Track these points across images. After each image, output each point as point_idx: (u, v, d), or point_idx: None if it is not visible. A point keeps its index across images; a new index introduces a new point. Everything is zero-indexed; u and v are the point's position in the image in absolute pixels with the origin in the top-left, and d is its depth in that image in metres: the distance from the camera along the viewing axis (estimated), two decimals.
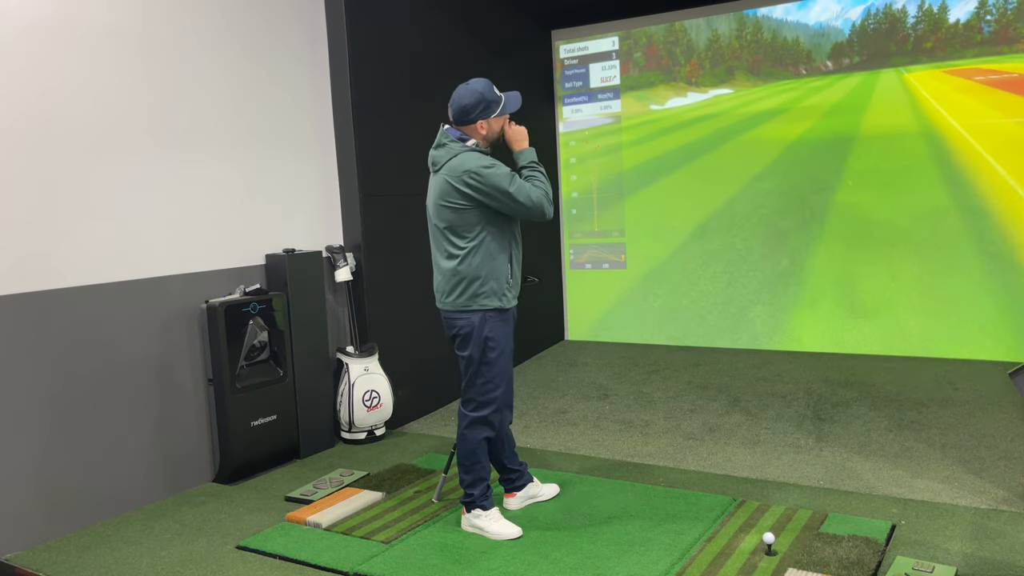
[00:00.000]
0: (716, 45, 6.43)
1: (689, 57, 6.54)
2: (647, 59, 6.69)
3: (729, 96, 6.41)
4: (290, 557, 3.30)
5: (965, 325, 5.69)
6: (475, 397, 3.37)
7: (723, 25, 6.38)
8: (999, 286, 5.57)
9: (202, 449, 4.23)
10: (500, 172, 3.20)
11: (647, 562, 3.09)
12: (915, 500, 3.54)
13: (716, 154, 6.49)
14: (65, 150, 3.64)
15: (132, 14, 3.89)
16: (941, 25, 5.65)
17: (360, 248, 4.94)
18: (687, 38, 6.53)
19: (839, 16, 5.97)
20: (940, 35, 5.66)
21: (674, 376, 5.82)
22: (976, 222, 5.61)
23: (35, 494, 3.53)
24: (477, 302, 3.27)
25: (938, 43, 5.68)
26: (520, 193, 3.20)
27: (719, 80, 6.45)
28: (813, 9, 6.05)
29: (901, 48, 5.81)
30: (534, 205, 3.23)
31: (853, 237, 6.03)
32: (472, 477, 3.41)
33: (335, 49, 4.87)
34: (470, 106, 3.27)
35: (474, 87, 3.29)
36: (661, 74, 6.66)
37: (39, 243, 3.56)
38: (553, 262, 7.11)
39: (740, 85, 6.38)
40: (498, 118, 3.33)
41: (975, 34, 5.55)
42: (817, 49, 6.09)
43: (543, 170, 3.34)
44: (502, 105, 3.32)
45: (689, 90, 6.57)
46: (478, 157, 3.23)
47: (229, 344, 4.16)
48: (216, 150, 4.29)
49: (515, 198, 3.20)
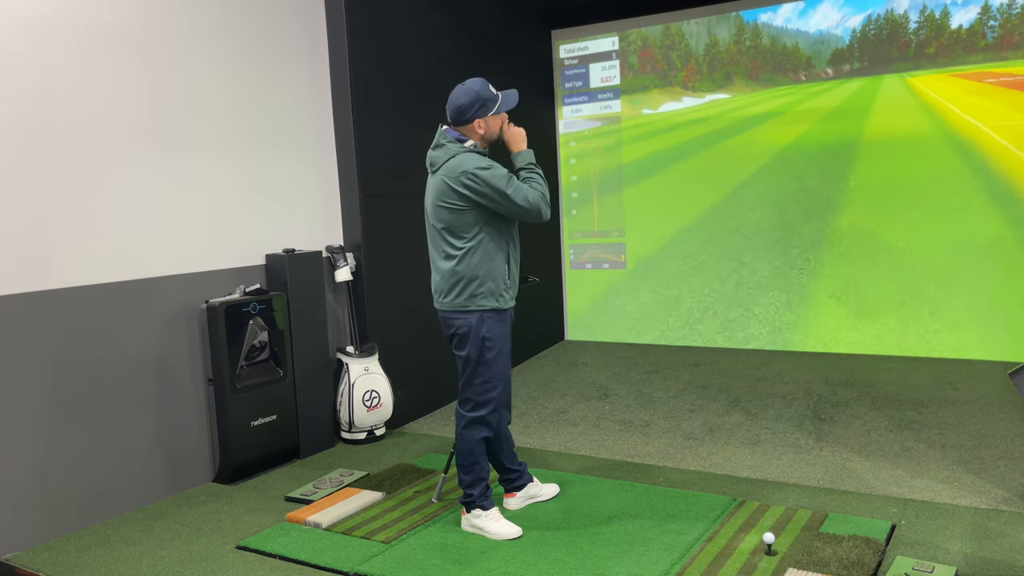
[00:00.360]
0: (715, 50, 6.42)
1: (686, 61, 6.54)
2: (641, 62, 6.69)
3: (727, 100, 6.41)
4: (290, 557, 3.30)
5: (965, 325, 5.69)
6: (472, 397, 3.37)
7: (723, 31, 6.38)
8: (1000, 285, 5.58)
9: (202, 449, 4.23)
10: (498, 173, 3.20)
11: (647, 562, 3.09)
12: (915, 500, 3.54)
13: (718, 154, 6.49)
14: (65, 150, 3.64)
15: (133, 14, 3.89)
16: (944, 31, 5.63)
17: (360, 248, 4.94)
18: (684, 42, 6.52)
19: (839, 24, 5.97)
20: (943, 40, 5.64)
21: (674, 376, 5.82)
22: (989, 222, 5.62)
23: (35, 494, 3.53)
24: (475, 302, 3.27)
25: (941, 48, 5.66)
26: (517, 195, 3.20)
27: (717, 85, 6.45)
28: (813, 17, 6.04)
29: (903, 54, 5.80)
30: (531, 207, 3.23)
31: (854, 237, 6.03)
32: (471, 477, 3.41)
33: (335, 49, 4.87)
34: (466, 105, 3.27)
35: (470, 86, 3.29)
36: (656, 78, 6.66)
37: (39, 243, 3.55)
38: (553, 262, 7.11)
39: (738, 90, 6.38)
40: (496, 117, 3.33)
41: (979, 39, 5.53)
42: (817, 56, 6.08)
43: (541, 172, 3.34)
44: (499, 103, 3.32)
45: (685, 94, 6.57)
46: (476, 158, 3.23)
47: (229, 344, 4.16)
48: (216, 150, 4.29)
49: (512, 199, 3.20)
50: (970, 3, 5.51)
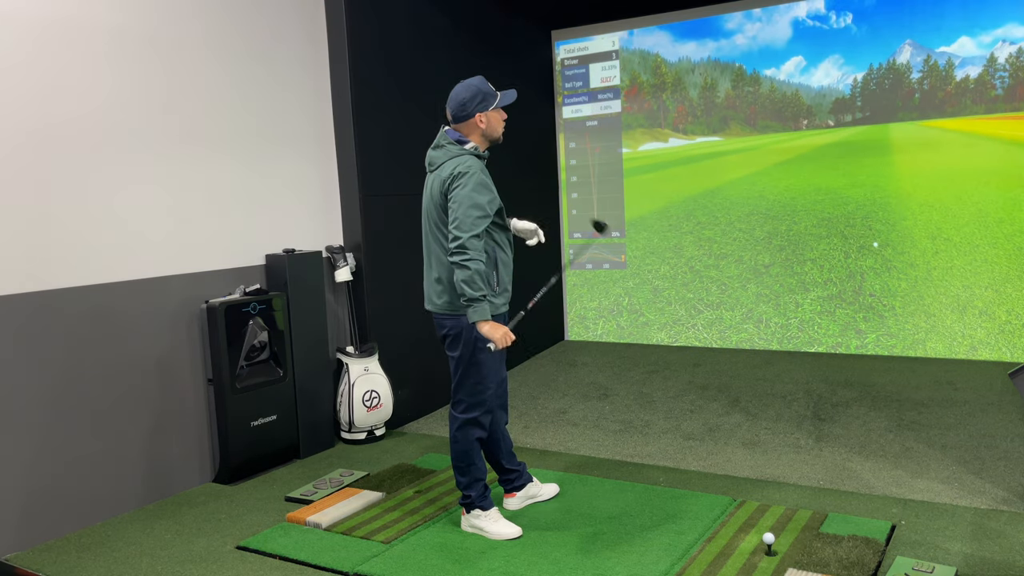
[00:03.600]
0: (711, 92, 6.41)
1: (678, 102, 6.53)
2: (628, 101, 6.69)
3: (720, 141, 6.43)
4: (290, 557, 3.30)
5: (965, 325, 5.69)
6: (465, 398, 3.36)
7: (723, 79, 6.37)
8: (1000, 285, 5.58)
9: (202, 449, 4.23)
10: (476, 184, 3.13)
11: (647, 562, 3.09)
12: (915, 500, 3.54)
13: (719, 153, 6.49)
14: (66, 150, 3.64)
15: (133, 14, 3.89)
16: (949, 81, 5.59)
17: (360, 248, 4.94)
18: (682, 86, 6.51)
19: (840, 80, 5.98)
20: (950, 90, 5.59)
21: (674, 376, 5.82)
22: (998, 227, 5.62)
23: (35, 494, 3.53)
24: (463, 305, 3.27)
25: (948, 97, 5.61)
26: (468, 213, 3.10)
27: (711, 129, 6.45)
28: (815, 75, 6.04)
29: (907, 103, 5.77)
30: (462, 232, 3.09)
31: (855, 238, 6.03)
32: (468, 479, 3.40)
33: (335, 49, 4.87)
34: (467, 99, 3.26)
35: (469, 82, 3.30)
36: (642, 118, 6.66)
37: (40, 243, 3.55)
38: (553, 262, 7.11)
39: (734, 134, 6.38)
40: (496, 113, 3.32)
41: (988, 89, 5.48)
42: (818, 107, 6.08)
43: (474, 279, 3.11)
44: (499, 98, 3.31)
45: (672, 136, 6.57)
46: (471, 162, 3.20)
47: (229, 344, 4.16)
48: (216, 150, 4.29)
49: (461, 203, 3.10)
50: (972, 62, 5.48)
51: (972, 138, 5.57)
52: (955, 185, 5.68)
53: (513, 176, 5.14)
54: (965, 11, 5.46)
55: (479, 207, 3.12)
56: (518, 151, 3.40)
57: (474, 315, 3.11)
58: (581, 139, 7.02)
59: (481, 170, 3.21)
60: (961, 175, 5.67)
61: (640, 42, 6.61)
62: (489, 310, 3.15)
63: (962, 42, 5.42)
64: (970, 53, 5.46)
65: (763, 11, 6.13)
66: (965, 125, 5.56)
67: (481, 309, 3.10)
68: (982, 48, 5.41)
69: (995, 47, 5.37)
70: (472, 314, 3.11)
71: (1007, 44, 5.33)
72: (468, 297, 3.09)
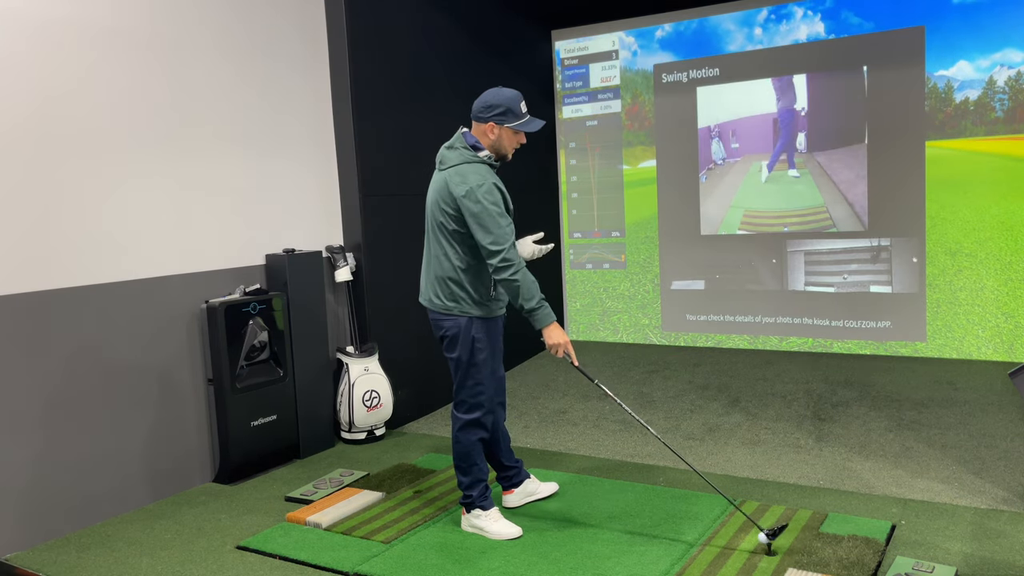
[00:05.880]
0: None
1: None
2: (629, 119, 6.69)
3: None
4: (290, 557, 3.30)
5: (965, 324, 5.69)
6: (466, 399, 3.37)
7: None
8: (1000, 285, 5.58)
9: (202, 449, 4.23)
10: (489, 190, 3.15)
11: (647, 562, 3.09)
12: (915, 500, 3.54)
13: None
14: (66, 150, 3.64)
15: (133, 15, 3.89)
16: (948, 103, 5.58)
17: (360, 248, 4.94)
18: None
19: None
20: (949, 111, 5.58)
21: (674, 376, 5.82)
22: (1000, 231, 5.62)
23: (35, 494, 3.53)
24: (460, 307, 3.27)
25: (948, 119, 5.60)
26: (493, 228, 3.10)
27: None
28: None
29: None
30: (497, 248, 3.10)
31: (856, 237, 6.03)
32: (470, 479, 3.41)
33: (335, 50, 4.87)
34: (491, 104, 3.24)
35: (504, 91, 3.28)
36: (643, 136, 6.67)
37: (40, 243, 3.55)
38: (553, 262, 7.11)
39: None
40: (510, 132, 3.28)
41: (988, 112, 5.47)
42: None
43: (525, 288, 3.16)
44: (521, 122, 3.28)
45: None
46: (483, 172, 3.20)
47: (229, 344, 4.16)
48: (216, 150, 4.29)
49: (486, 227, 3.11)
50: (971, 85, 5.47)
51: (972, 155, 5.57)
52: (953, 193, 5.68)
53: (513, 176, 5.13)
54: (962, 36, 5.47)
55: (503, 215, 3.16)
56: (518, 151, 3.40)
57: (538, 323, 3.20)
58: (581, 139, 7.02)
59: (494, 179, 3.23)
60: (960, 186, 5.67)
61: (643, 62, 6.61)
62: (551, 313, 3.21)
63: (960, 66, 5.44)
64: (968, 76, 5.47)
65: (764, 32, 6.12)
66: (966, 145, 5.57)
67: (542, 315, 3.18)
68: (980, 72, 5.42)
69: (993, 71, 5.38)
70: (536, 323, 3.20)
71: (1005, 68, 5.34)
72: (527, 309, 3.17)
